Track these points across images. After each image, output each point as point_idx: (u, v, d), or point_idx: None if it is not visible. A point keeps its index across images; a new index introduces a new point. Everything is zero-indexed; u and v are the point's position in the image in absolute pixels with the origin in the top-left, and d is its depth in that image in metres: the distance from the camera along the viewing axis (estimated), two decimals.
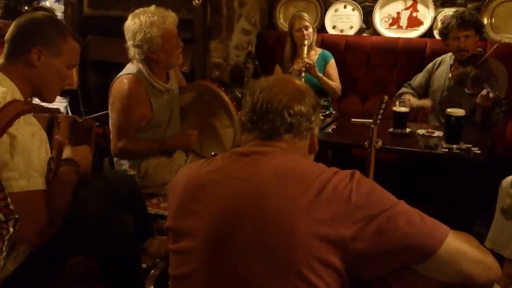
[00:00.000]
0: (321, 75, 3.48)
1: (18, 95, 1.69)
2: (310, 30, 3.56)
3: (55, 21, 1.82)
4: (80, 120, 1.94)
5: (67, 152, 1.78)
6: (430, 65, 3.28)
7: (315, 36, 3.67)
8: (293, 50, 3.66)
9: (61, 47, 1.77)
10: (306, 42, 3.51)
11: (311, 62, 3.40)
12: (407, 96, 3.14)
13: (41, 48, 1.72)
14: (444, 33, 3.08)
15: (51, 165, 1.69)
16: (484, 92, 2.70)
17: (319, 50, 3.67)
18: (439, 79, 3.17)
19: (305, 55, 3.44)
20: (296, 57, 3.62)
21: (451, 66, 3.13)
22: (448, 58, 3.18)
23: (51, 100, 1.88)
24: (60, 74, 1.80)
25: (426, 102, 3.21)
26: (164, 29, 2.44)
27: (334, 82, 3.57)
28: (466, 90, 2.91)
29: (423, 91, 3.27)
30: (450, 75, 3.08)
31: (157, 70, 2.55)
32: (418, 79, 3.30)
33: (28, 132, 1.60)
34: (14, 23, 1.77)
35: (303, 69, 3.35)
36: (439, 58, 3.25)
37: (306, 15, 3.61)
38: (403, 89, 3.31)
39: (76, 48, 1.84)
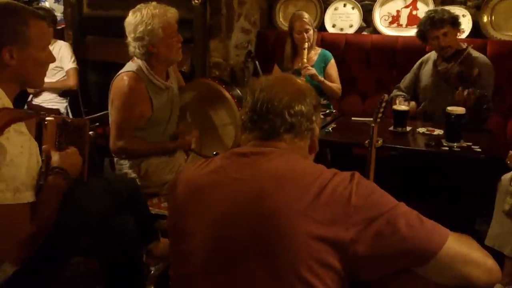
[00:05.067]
0: (322, 79, 3.47)
1: (6, 100, 1.63)
2: (311, 32, 3.53)
3: (11, 9, 1.66)
4: (69, 120, 1.88)
5: (55, 159, 1.73)
6: (416, 65, 3.27)
7: (315, 36, 3.65)
8: (293, 50, 3.64)
9: (28, 35, 1.65)
10: (306, 45, 3.48)
11: (314, 72, 3.39)
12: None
13: (9, 46, 1.62)
14: (422, 36, 3.09)
15: (43, 168, 1.67)
16: (465, 92, 2.64)
17: (319, 50, 3.64)
18: (425, 77, 3.16)
19: (305, 60, 3.42)
20: (297, 58, 3.60)
21: (435, 62, 3.12)
22: (432, 55, 3.18)
23: (40, 86, 1.84)
24: (38, 61, 1.71)
25: (412, 104, 3.15)
26: (166, 21, 2.45)
27: (335, 83, 3.55)
28: (451, 87, 2.90)
29: (411, 93, 3.24)
30: (434, 71, 3.07)
31: (157, 67, 2.55)
32: (406, 81, 3.29)
33: (18, 142, 1.55)
34: None
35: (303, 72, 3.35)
36: (425, 57, 3.25)
37: (306, 16, 3.56)
38: (394, 92, 3.27)
39: (43, 27, 1.72)
